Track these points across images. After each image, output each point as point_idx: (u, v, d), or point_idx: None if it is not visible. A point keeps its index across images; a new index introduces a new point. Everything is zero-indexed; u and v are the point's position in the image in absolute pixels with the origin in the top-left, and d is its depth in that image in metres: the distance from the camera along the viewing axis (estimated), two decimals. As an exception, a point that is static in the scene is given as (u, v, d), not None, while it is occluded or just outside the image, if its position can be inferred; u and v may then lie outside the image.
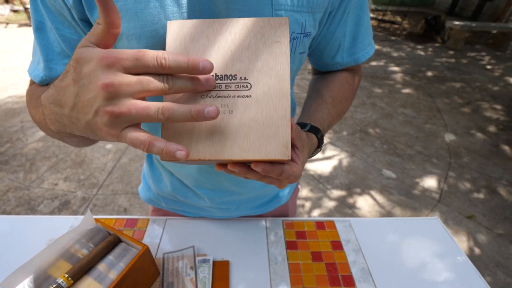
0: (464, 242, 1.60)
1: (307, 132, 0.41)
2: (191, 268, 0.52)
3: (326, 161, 2.19)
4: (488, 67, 4.33)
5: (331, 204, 1.82)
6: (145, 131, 0.26)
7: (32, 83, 0.42)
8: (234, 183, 0.53)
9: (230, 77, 0.29)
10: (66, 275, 0.39)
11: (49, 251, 0.41)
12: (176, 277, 0.51)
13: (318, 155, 2.24)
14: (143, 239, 0.58)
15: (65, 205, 1.73)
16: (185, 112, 0.25)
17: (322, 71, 0.54)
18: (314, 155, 0.45)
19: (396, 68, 4.13)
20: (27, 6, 5.47)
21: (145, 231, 0.60)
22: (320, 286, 0.51)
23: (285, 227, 0.62)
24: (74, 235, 0.44)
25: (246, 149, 0.28)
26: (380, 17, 6.82)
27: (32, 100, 0.38)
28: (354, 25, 0.46)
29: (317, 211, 1.77)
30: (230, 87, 0.29)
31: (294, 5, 0.35)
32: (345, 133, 2.55)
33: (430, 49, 5.06)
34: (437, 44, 5.34)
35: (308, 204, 1.81)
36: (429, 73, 3.99)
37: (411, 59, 4.51)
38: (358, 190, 1.93)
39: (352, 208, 1.79)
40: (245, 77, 0.29)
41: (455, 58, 4.65)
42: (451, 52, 4.93)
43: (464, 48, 5.16)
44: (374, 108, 3.00)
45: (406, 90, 3.45)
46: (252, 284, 0.51)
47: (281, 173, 0.30)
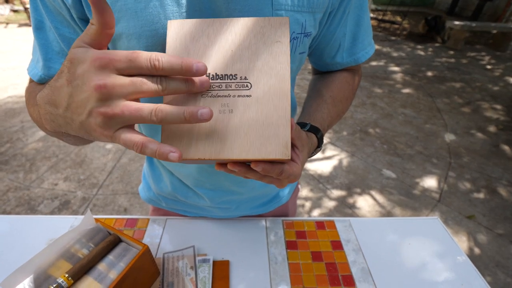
0: (464, 242, 1.60)
1: (307, 132, 0.41)
2: (191, 268, 0.52)
3: (326, 161, 2.19)
4: (488, 67, 4.33)
5: (331, 204, 1.82)
6: (139, 133, 0.26)
7: (31, 81, 0.42)
8: (234, 183, 0.53)
9: (231, 77, 0.29)
10: (66, 275, 0.39)
11: (49, 251, 0.41)
12: (176, 277, 0.51)
13: (318, 155, 2.24)
14: (143, 239, 0.58)
15: (65, 205, 1.73)
16: (178, 114, 0.25)
17: (322, 71, 0.54)
18: (314, 155, 0.45)
19: (396, 68, 4.13)
20: (27, 6, 5.47)
21: (145, 231, 0.60)
22: (320, 286, 0.51)
23: (285, 227, 0.62)
24: (74, 235, 0.44)
25: (246, 149, 0.28)
26: (380, 17, 6.82)
27: (30, 98, 0.38)
28: (354, 25, 0.46)
29: (317, 211, 1.77)
30: (231, 87, 0.29)
31: (295, 5, 0.35)
32: (345, 133, 2.55)
33: (430, 49, 5.05)
34: (437, 44, 5.34)
35: (308, 204, 1.81)
36: (429, 73, 3.99)
37: (411, 59, 4.51)
38: (358, 190, 1.93)
39: (352, 208, 1.79)
40: (246, 77, 0.29)
41: (455, 58, 4.65)
42: (451, 52, 4.93)
43: (464, 48, 5.16)
44: (374, 108, 3.00)
45: (406, 90, 3.45)
46: (252, 284, 0.51)
47: (281, 173, 0.30)
